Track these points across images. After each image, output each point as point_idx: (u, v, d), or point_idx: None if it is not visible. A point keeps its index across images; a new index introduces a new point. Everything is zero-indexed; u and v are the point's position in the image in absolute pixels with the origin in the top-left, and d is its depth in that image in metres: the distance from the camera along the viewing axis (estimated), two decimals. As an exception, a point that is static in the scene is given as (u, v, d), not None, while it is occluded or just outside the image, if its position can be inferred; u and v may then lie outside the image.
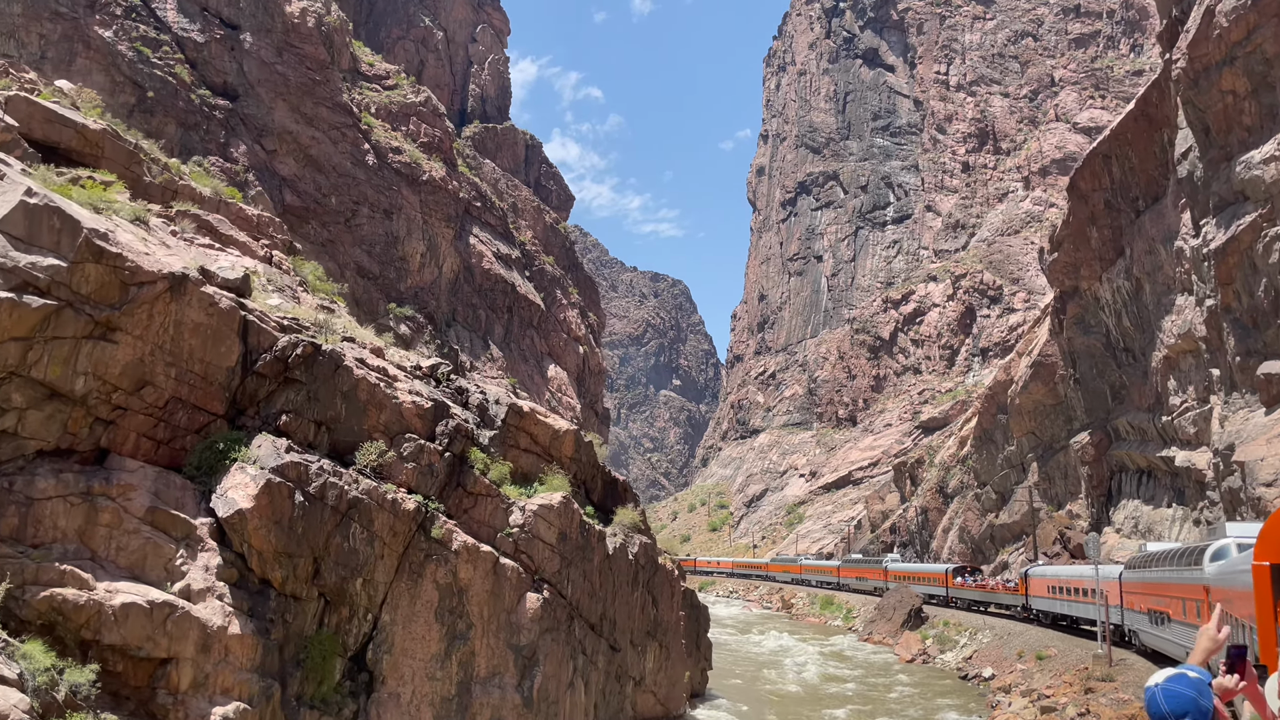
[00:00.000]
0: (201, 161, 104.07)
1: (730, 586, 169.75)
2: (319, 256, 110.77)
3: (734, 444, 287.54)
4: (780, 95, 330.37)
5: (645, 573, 35.65)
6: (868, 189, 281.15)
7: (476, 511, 30.21)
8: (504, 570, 29.63)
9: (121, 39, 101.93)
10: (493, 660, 29.20)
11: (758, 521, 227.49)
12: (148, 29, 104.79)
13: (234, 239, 38.57)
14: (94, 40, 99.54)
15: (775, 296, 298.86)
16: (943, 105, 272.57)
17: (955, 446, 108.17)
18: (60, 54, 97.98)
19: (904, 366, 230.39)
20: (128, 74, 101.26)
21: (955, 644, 67.41)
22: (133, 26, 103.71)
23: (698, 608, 45.03)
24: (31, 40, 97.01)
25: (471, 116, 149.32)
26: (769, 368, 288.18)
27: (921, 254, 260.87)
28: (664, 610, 37.07)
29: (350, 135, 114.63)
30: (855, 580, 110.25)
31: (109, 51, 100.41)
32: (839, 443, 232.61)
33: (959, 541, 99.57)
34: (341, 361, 28.64)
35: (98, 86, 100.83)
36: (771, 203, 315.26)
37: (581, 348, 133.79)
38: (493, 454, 31.53)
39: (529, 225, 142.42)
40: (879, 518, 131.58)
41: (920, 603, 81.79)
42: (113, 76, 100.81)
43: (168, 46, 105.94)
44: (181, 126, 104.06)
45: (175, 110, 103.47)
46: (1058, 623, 62.25)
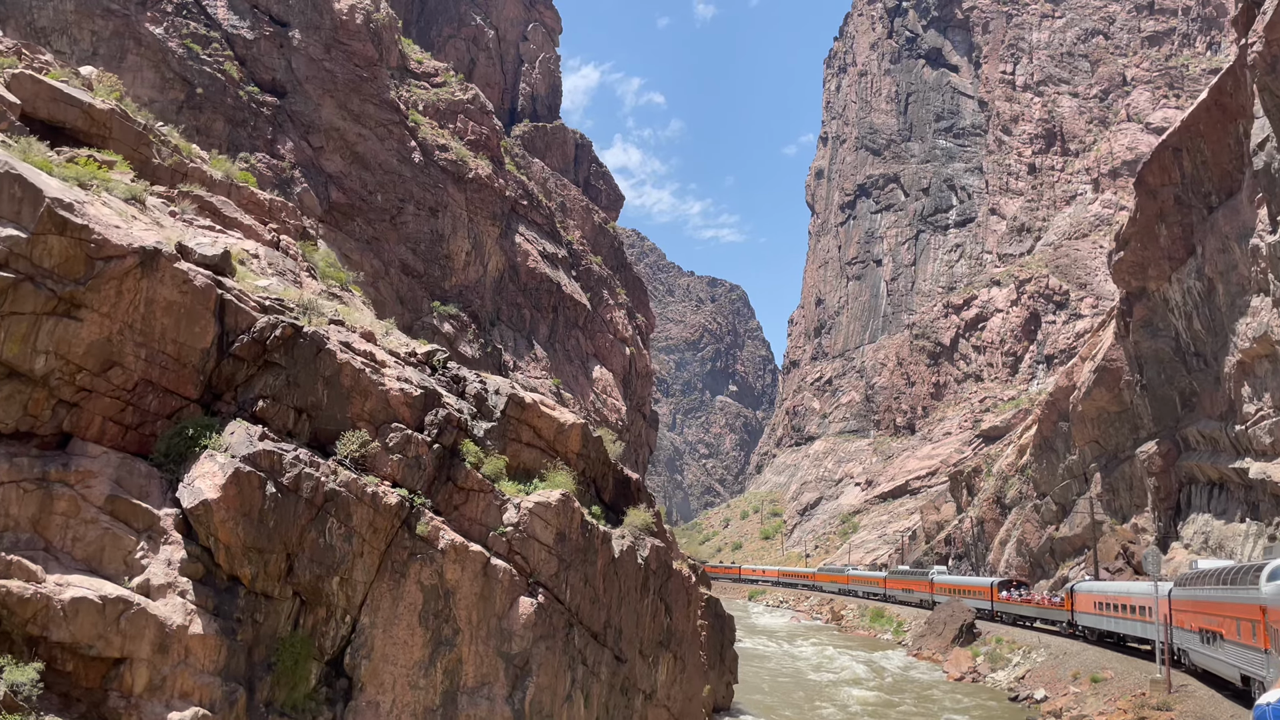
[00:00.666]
0: (248, 158, 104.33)
1: (780, 596, 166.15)
2: (363, 254, 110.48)
3: (789, 451, 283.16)
4: (840, 97, 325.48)
5: (657, 578, 33.24)
6: (929, 191, 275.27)
7: (468, 508, 28.10)
8: (495, 572, 27.46)
9: (172, 36, 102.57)
10: (481, 669, 27.05)
11: (811, 530, 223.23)
12: (198, 26, 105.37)
13: (238, 221, 37.12)
14: (145, 37, 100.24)
15: (833, 301, 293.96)
16: (1008, 106, 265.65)
17: (1014, 455, 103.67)
18: (111, 50, 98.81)
19: (965, 373, 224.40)
20: (177, 70, 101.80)
21: (1007, 662, 63.75)
22: (183, 24, 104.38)
23: (722, 617, 42.47)
24: (84, 37, 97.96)
25: (521, 115, 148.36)
26: (825, 374, 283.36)
27: (985, 258, 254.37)
28: (679, 619, 34.61)
29: (397, 132, 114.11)
30: (901, 592, 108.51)
31: (159, 48, 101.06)
32: (896, 451, 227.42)
33: (1016, 554, 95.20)
34: (324, 345, 26.76)
35: (148, 83, 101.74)
36: (830, 206, 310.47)
37: (628, 349, 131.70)
38: (489, 447, 29.41)
39: (577, 225, 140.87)
40: (934, 528, 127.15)
41: (972, 618, 78.01)
42: (163, 73, 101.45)
43: (217, 43, 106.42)
44: (229, 123, 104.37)
45: (223, 107, 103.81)
46: (1104, 640, 60.84)
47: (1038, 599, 76.46)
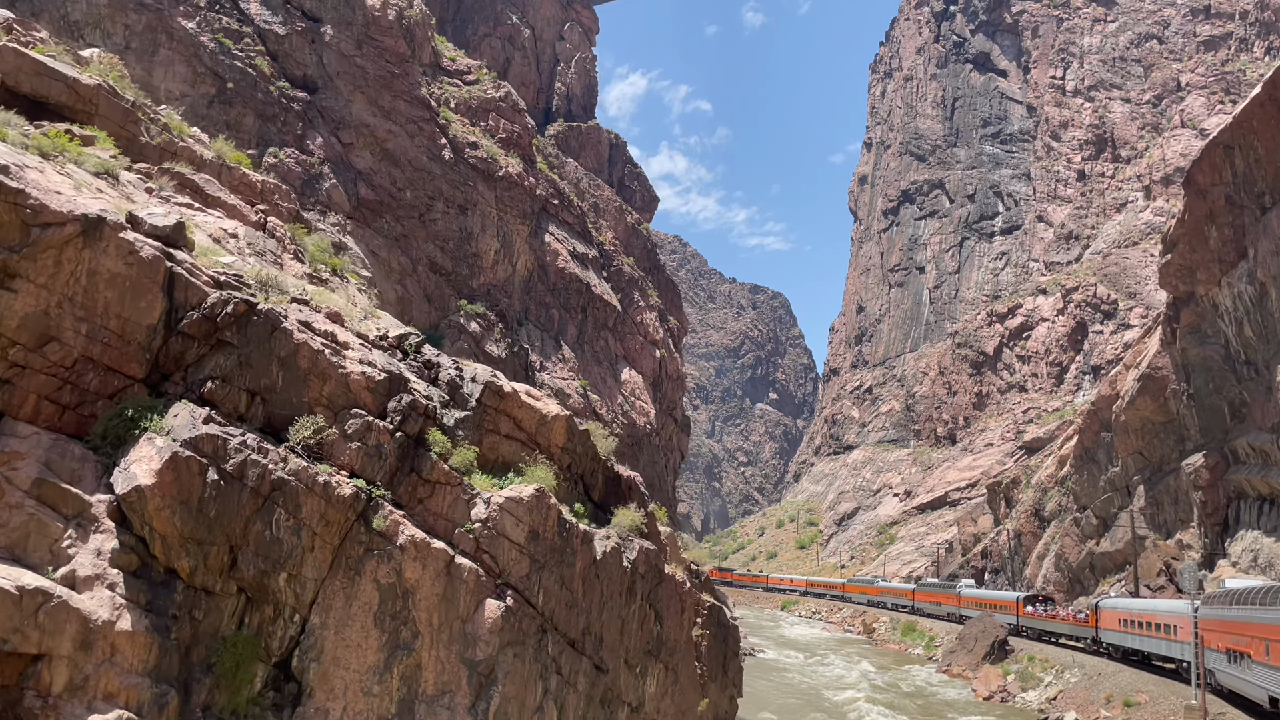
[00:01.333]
0: (277, 153, 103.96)
1: (813, 607, 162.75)
2: (391, 251, 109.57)
3: (826, 460, 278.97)
4: (885, 102, 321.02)
5: (646, 583, 31.02)
6: (975, 198, 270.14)
7: (433, 502, 26.14)
8: (459, 571, 25.45)
9: (204, 30, 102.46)
10: (442, 676, 25.03)
11: (847, 541, 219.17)
12: (230, 21, 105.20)
13: (221, 200, 35.62)
14: (177, 32, 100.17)
15: (874, 308, 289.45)
16: (1058, 111, 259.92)
17: (1054, 466, 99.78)
18: (144, 45, 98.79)
19: (1008, 384, 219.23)
20: (209, 65, 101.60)
21: (1039, 682, 60.54)
22: (215, 18, 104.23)
23: (725, 626, 40.07)
24: (116, 31, 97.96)
25: (556, 115, 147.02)
26: (865, 382, 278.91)
27: (1031, 266, 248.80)
28: (671, 627, 32.35)
29: (427, 129, 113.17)
30: (929, 605, 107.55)
31: (191, 43, 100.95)
32: (936, 462, 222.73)
33: (1054, 569, 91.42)
34: (279, 323, 24.96)
35: (179, 78, 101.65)
36: (873, 212, 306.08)
37: (659, 351, 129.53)
38: (460, 438, 27.43)
39: (610, 225, 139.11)
40: (970, 541, 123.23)
41: (1005, 634, 74.71)
42: (194, 68, 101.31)
43: (249, 38, 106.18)
44: (259, 118, 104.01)
45: (254, 102, 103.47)
46: (1129, 658, 60.44)
47: (1062, 615, 75.61)
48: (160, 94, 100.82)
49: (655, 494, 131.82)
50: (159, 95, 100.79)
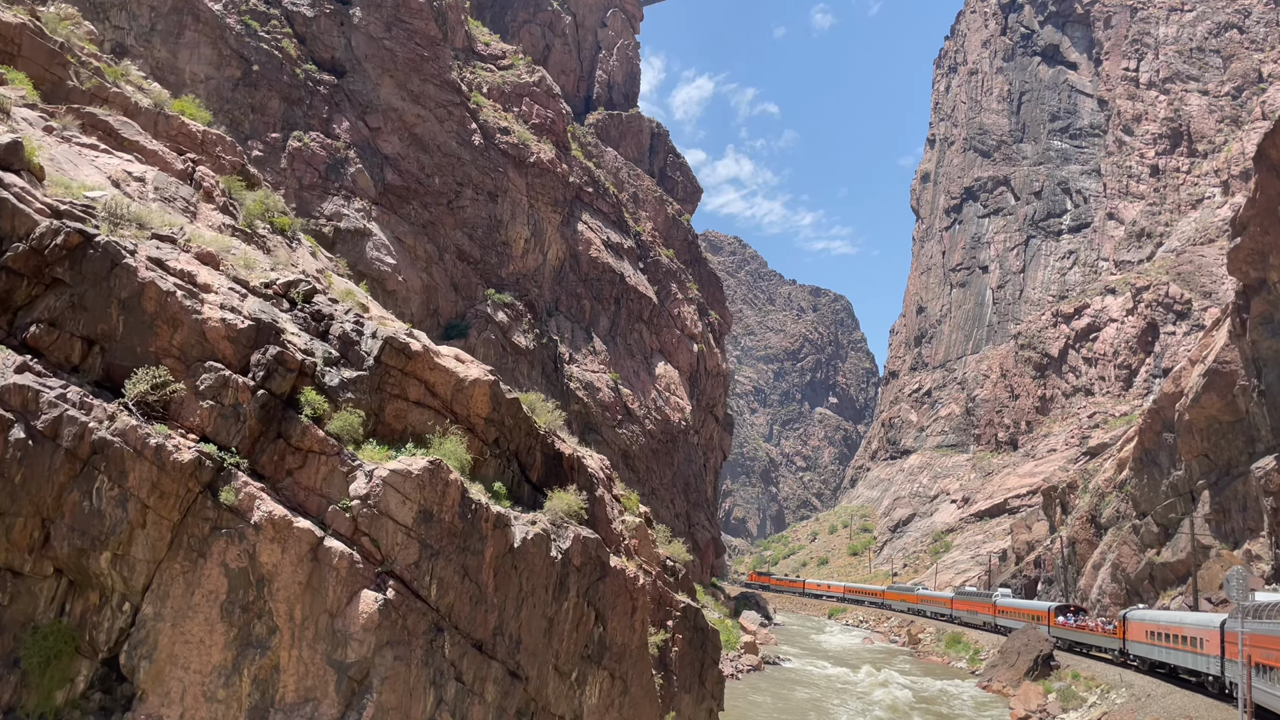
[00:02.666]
0: (301, 137, 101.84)
1: (861, 615, 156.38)
2: (417, 238, 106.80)
3: (883, 465, 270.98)
4: (949, 97, 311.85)
5: (583, 577, 26.68)
6: (1042, 195, 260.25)
7: (304, 474, 22.19)
8: (328, 556, 21.42)
9: (230, 12, 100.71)
10: (305, 680, 21.02)
11: (902, 548, 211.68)
12: (257, 2, 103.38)
13: (140, 145, 32.25)
14: (203, 13, 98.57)
15: (935, 309, 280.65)
16: (1131, 104, 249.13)
17: (1112, 470, 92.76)
18: (169, 26, 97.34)
19: (1074, 387, 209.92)
20: (234, 47, 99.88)
21: (1081, 702, 54.71)
22: (242, 0, 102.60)
23: (703, 631, 35.52)
24: (142, 12, 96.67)
25: (597, 103, 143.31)
26: (924, 385, 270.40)
27: (1100, 265, 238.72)
28: (617, 629, 27.95)
29: (457, 114, 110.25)
30: (966, 613, 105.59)
31: (217, 25, 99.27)
32: (996, 468, 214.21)
33: (1111, 580, 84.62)
34: (120, 259, 21.21)
35: (205, 60, 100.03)
36: (935, 210, 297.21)
37: (696, 345, 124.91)
38: (346, 400, 23.42)
39: (649, 216, 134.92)
40: (1024, 549, 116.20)
41: (1049, 648, 68.74)
42: (220, 50, 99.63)
43: (276, 20, 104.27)
44: (285, 101, 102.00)
45: (279, 85, 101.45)
46: (1155, 670, 59.70)
47: (1091, 625, 75.20)
48: (185, 76, 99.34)
49: (691, 493, 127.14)
50: (184, 77, 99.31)
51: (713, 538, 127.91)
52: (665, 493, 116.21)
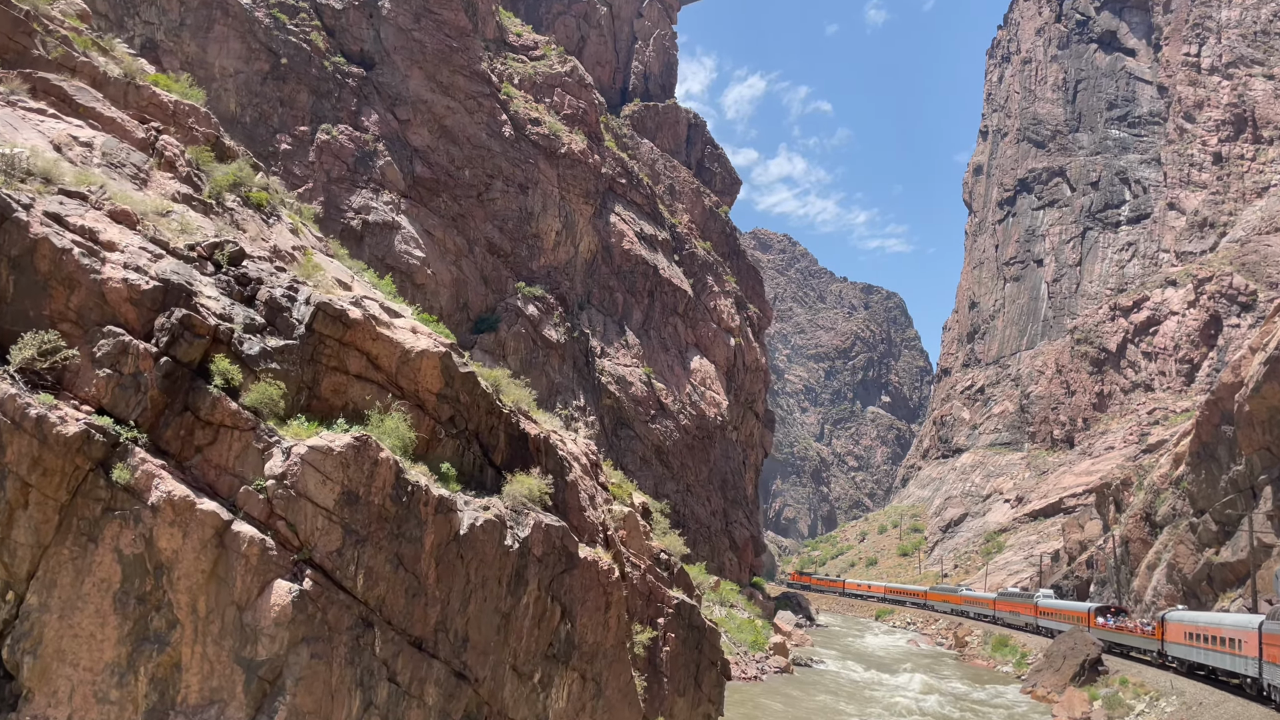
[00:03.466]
0: (329, 129, 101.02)
1: (909, 617, 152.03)
2: (447, 231, 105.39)
3: (934, 464, 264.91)
4: (1002, 88, 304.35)
5: (544, 568, 24.27)
6: (1099, 185, 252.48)
7: (215, 451, 20.09)
8: (237, 542, 19.28)
9: (259, 5, 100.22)
10: (210, 680, 18.90)
11: (953, 549, 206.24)
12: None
13: (95, 112, 30.58)
14: (232, 7, 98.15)
15: (987, 304, 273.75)
16: (1192, 91, 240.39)
17: (1168, 465, 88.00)
18: (199, 21, 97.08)
19: (1133, 382, 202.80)
20: (263, 41, 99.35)
21: (1128, 710, 51.01)
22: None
23: (699, 629, 32.89)
24: (172, 7, 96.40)
25: (633, 94, 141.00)
26: (977, 381, 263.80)
27: (1160, 257, 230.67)
28: (588, 625, 25.51)
29: (487, 105, 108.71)
30: (1009, 614, 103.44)
31: (246, 19, 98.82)
32: (1052, 466, 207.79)
33: (1166, 581, 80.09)
34: (10, 213, 19.26)
35: (234, 54, 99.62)
36: (988, 204, 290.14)
37: (734, 339, 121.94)
38: (269, 371, 21.27)
39: (686, 208, 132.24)
40: (1076, 549, 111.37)
41: (1097, 652, 64.90)
42: (248, 44, 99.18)
43: (305, 13, 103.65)
44: (313, 94, 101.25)
45: (308, 78, 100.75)
46: (1194, 672, 58.27)
47: (1130, 627, 73.80)
48: (215, 70, 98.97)
49: (729, 490, 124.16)
50: (213, 71, 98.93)
51: (752, 536, 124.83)
52: (701, 490, 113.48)
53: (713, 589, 74.66)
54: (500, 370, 28.10)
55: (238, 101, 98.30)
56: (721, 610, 70.82)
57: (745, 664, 59.88)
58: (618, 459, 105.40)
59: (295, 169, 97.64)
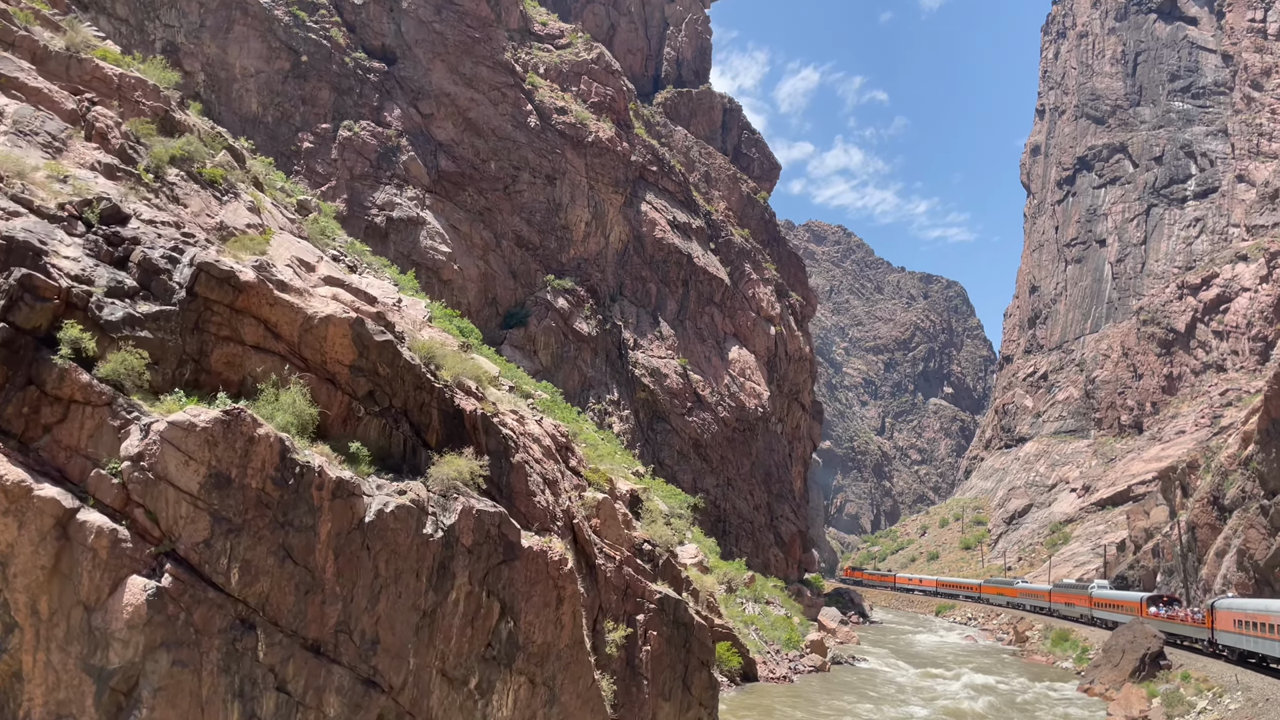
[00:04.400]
0: (351, 126, 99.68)
1: (970, 612, 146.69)
2: (473, 225, 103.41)
3: (997, 454, 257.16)
4: (1059, 64, 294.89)
5: (478, 560, 21.45)
6: (1163, 160, 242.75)
7: (65, 430, 17.64)
8: (83, 533, 16.79)
9: (279, 4, 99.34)
10: (56, 692, 16.44)
11: (1017, 541, 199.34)
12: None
13: (19, 83, 28.60)
14: (251, 6, 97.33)
15: (1049, 288, 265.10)
16: (1259, 58, 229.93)
17: (1236, 445, 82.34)
18: (218, 22, 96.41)
19: (1203, 363, 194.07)
20: (283, 39, 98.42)
21: (1189, 708, 46.65)
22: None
23: (686, 626, 29.77)
24: (191, 9, 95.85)
25: (666, 81, 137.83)
26: (1040, 368, 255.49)
27: (1230, 232, 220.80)
28: (535, 624, 22.64)
29: (511, 96, 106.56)
30: (1064, 606, 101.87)
31: (265, 17, 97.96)
32: (1120, 453, 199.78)
33: (1237, 569, 74.59)
34: None
35: (254, 53, 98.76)
36: (1047, 184, 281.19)
37: (774, 328, 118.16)
38: (126, 339, 18.72)
39: (722, 195, 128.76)
40: (1141, 537, 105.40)
41: (1159, 646, 60.27)
42: (269, 42, 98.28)
43: (325, 9, 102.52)
44: (335, 91, 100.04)
45: (329, 75, 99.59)
46: (1246, 660, 57.21)
47: (1181, 616, 73.48)
48: (236, 70, 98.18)
49: (773, 484, 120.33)
50: (234, 72, 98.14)
51: (799, 531, 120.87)
52: (743, 484, 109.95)
53: (746, 585, 71.30)
54: (437, 340, 25.30)
55: (259, 101, 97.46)
56: (755, 607, 67.44)
57: (775, 663, 56.50)
58: (654, 453, 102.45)
59: (318, 167, 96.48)
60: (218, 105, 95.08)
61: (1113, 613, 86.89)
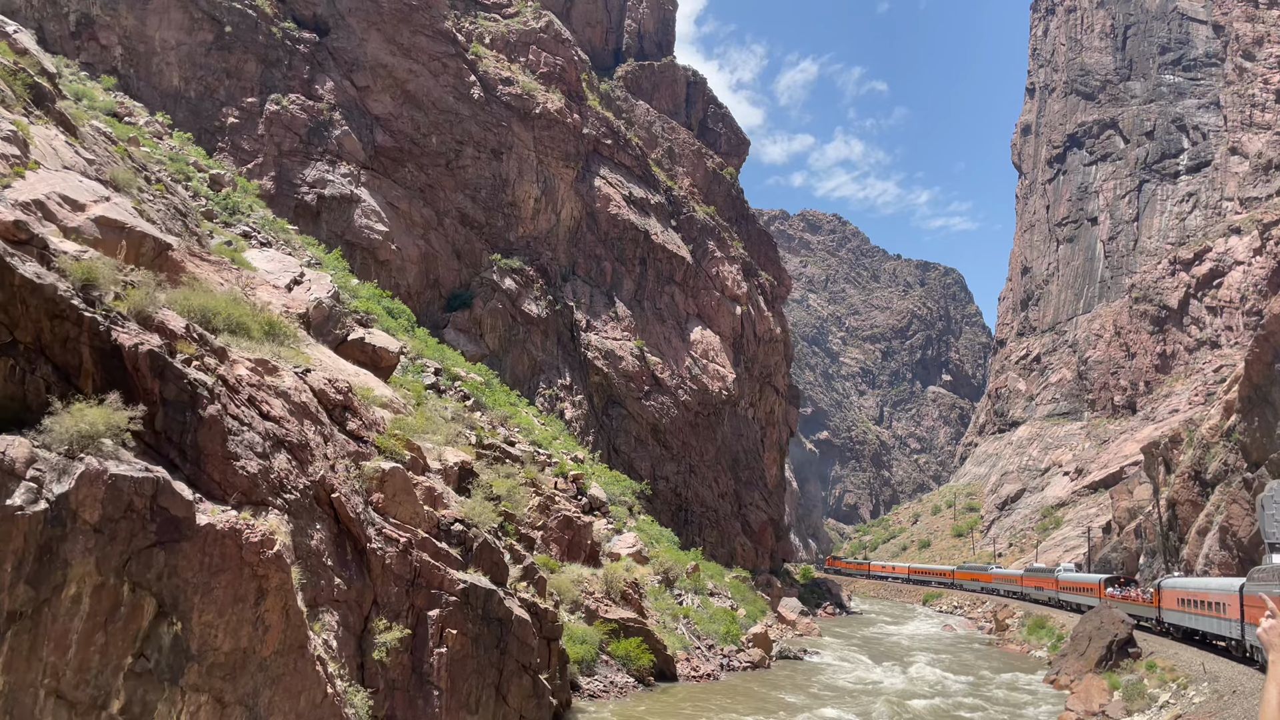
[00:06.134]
0: (280, 99, 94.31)
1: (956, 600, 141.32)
2: (412, 203, 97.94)
3: (991, 439, 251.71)
4: (1048, 41, 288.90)
5: (111, 542, 16.03)
6: (1154, 135, 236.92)
7: None
8: None
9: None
10: None
11: (1009, 527, 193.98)
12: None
13: None
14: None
15: (1041, 269, 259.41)
16: (1250, 27, 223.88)
17: (1218, 415, 76.90)
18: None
19: (1197, 340, 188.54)
20: (205, 9, 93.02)
21: (1151, 701, 41.34)
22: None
23: (499, 621, 24.45)
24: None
25: (627, 55, 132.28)
26: (1032, 350, 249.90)
27: (1224, 206, 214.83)
28: (217, 624, 17.24)
29: (453, 66, 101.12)
30: (1034, 590, 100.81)
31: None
32: (1113, 434, 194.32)
33: (1220, 547, 69.07)
34: None
35: (175, 25, 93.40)
36: (1038, 163, 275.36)
37: (740, 307, 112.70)
38: None
39: (687, 172, 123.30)
40: (1125, 517, 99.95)
41: (1127, 631, 54.90)
42: (190, 13, 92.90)
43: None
44: (262, 63, 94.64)
45: (255, 46, 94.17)
46: (1190, 638, 58.67)
47: (1133, 596, 73.30)
48: (155, 44, 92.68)
49: (741, 470, 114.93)
50: (154, 45, 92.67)
51: (770, 519, 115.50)
52: (707, 470, 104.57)
53: (689, 575, 66.01)
54: (98, 261, 19.87)
55: (181, 76, 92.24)
56: (695, 599, 62.14)
57: (703, 660, 51.16)
58: (609, 440, 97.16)
59: (244, 144, 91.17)
60: (136, 80, 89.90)
61: (1076, 595, 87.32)
